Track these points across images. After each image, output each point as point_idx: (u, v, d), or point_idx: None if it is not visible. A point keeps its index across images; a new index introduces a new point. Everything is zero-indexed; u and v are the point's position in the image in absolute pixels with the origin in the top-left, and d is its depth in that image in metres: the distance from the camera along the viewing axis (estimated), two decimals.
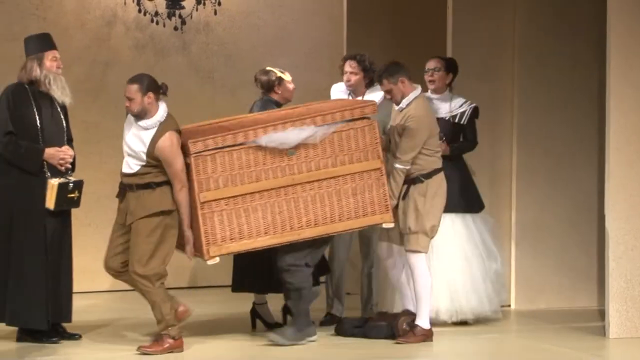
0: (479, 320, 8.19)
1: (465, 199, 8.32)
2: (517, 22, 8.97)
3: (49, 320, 7.50)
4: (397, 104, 7.71)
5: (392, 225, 7.55)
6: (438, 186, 7.68)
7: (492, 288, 8.30)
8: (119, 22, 9.82)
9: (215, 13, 9.67)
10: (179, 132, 7.15)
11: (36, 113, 7.52)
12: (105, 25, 9.75)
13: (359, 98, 8.10)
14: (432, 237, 7.66)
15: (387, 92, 7.73)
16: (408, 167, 7.62)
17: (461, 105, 8.34)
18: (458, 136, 8.35)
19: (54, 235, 7.57)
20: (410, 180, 7.61)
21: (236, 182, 7.28)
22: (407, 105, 7.65)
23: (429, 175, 7.64)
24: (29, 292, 7.47)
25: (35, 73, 7.56)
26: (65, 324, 7.70)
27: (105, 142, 9.41)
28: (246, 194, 7.29)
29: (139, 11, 9.57)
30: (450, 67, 8.37)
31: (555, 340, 7.86)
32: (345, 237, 7.98)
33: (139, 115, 7.22)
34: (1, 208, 7.49)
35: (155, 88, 7.28)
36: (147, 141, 7.14)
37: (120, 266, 7.23)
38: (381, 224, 7.44)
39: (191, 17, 9.70)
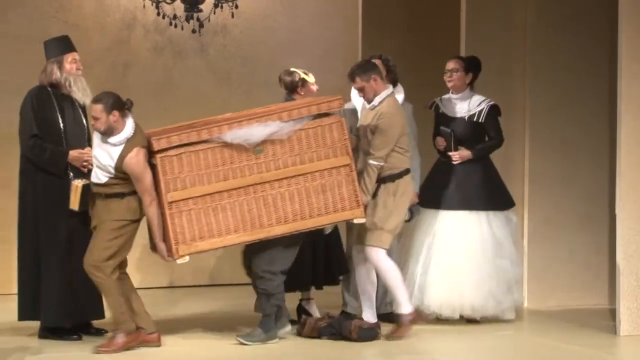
0: (489, 319, 8.22)
1: (490, 197, 8.29)
2: (529, 23, 8.98)
3: (71, 318, 7.52)
4: (369, 102, 7.67)
5: (363, 220, 7.50)
6: (406, 186, 7.68)
7: (499, 286, 8.26)
8: (139, 24, 9.88)
9: (233, 16, 9.70)
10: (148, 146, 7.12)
11: (59, 115, 7.56)
12: (125, 27, 9.81)
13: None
14: (394, 235, 7.68)
15: (360, 89, 7.70)
16: (382, 164, 7.59)
17: (479, 104, 8.31)
18: (480, 135, 8.31)
19: (78, 234, 7.56)
20: (381, 179, 7.60)
21: (203, 181, 7.22)
22: (379, 103, 7.63)
23: (399, 176, 7.65)
24: (50, 291, 7.52)
25: (56, 76, 7.59)
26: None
27: None
28: (214, 193, 7.24)
29: (158, 14, 9.56)
30: (470, 66, 8.33)
31: (566, 338, 7.87)
32: None
33: (106, 133, 7.18)
34: (27, 210, 7.55)
35: (119, 106, 7.24)
36: (115, 157, 7.14)
37: None
38: (352, 219, 7.39)
39: (209, 20, 9.70)
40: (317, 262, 8.01)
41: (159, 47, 9.97)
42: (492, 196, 8.32)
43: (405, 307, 7.70)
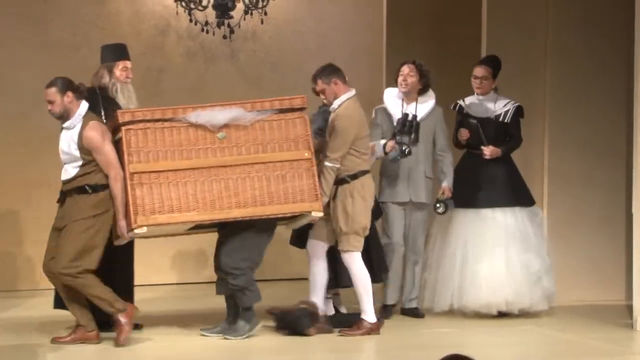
0: (525, 311, 8.28)
1: (515, 193, 8.36)
2: (550, 27, 8.99)
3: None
4: (330, 104, 7.67)
5: (321, 214, 7.45)
6: (363, 187, 7.63)
7: (530, 279, 8.29)
8: (172, 31, 9.99)
9: (262, 22, 9.68)
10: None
11: (103, 117, 7.55)
12: (159, 34, 9.91)
13: (412, 104, 8.11)
14: (364, 236, 7.64)
15: (321, 92, 7.68)
16: (338, 166, 7.56)
17: (505, 105, 8.38)
18: (502, 134, 8.38)
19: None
20: (338, 181, 7.58)
21: (167, 157, 7.24)
22: (339, 106, 7.62)
23: (355, 177, 7.61)
24: None
25: (105, 80, 7.69)
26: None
27: None
28: (176, 170, 7.25)
29: (190, 21, 9.57)
30: (496, 68, 8.40)
31: (584, 332, 7.93)
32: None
33: (63, 117, 7.21)
34: None
35: (73, 88, 7.26)
36: (76, 137, 7.18)
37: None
38: (310, 212, 7.37)
39: (239, 26, 9.71)
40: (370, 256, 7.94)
41: (192, 53, 10.06)
42: (517, 193, 8.39)
43: (370, 317, 7.66)
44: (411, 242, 8.27)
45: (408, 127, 7.98)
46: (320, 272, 7.75)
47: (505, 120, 8.37)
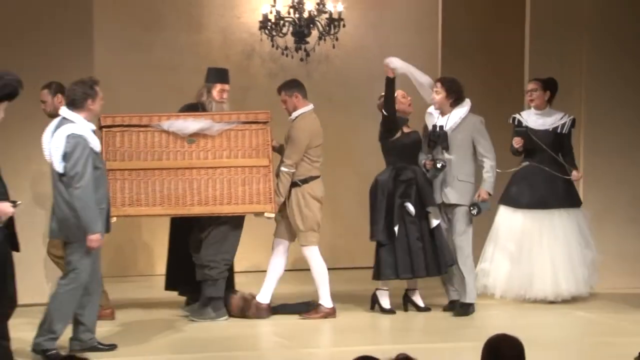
0: (572, 299, 8.23)
1: (569, 196, 8.31)
2: (584, 52, 8.98)
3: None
4: (289, 114, 7.66)
5: (272, 215, 7.47)
6: (313, 190, 7.60)
7: (586, 272, 8.27)
8: (256, 55, 10.05)
9: (334, 47, 9.90)
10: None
11: None
12: (245, 58, 9.98)
13: (446, 116, 7.89)
14: (318, 231, 7.62)
15: (283, 102, 7.68)
16: (292, 170, 7.54)
17: (562, 118, 8.29)
18: (558, 144, 8.27)
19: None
20: (292, 184, 7.56)
21: (140, 157, 7.24)
22: (296, 117, 7.62)
23: (305, 181, 7.59)
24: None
25: (203, 98, 7.75)
26: None
27: None
28: (147, 169, 7.25)
29: (272, 46, 9.80)
30: (548, 85, 8.30)
31: (615, 315, 7.92)
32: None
33: (52, 116, 7.00)
34: None
35: (62, 91, 7.16)
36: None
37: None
38: (263, 212, 7.35)
39: (314, 51, 9.89)
40: (426, 254, 7.83)
41: (273, 74, 10.05)
42: (572, 196, 8.35)
43: (326, 302, 7.65)
44: (451, 241, 7.93)
45: (435, 138, 7.84)
46: (277, 267, 7.74)
47: (563, 132, 8.29)
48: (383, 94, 8.01)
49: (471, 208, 7.82)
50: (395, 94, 7.94)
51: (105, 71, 8.33)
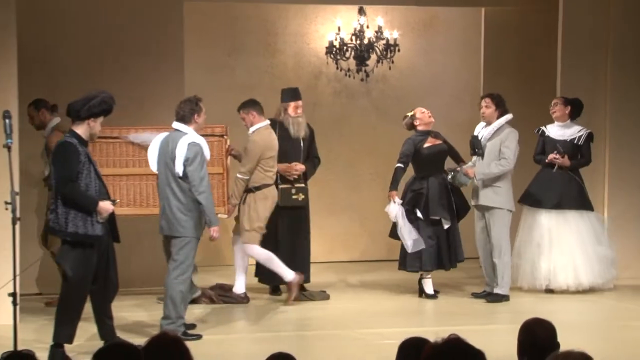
0: (591, 289, 8.16)
1: (582, 200, 8.25)
2: (609, 66, 8.91)
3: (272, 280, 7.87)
4: (248, 129, 7.65)
5: (225, 215, 7.50)
6: (265, 197, 7.63)
7: (602, 266, 8.19)
8: (323, 75, 10.06)
9: (390, 69, 9.86)
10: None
11: (278, 141, 7.76)
12: (313, 77, 10.00)
13: (492, 125, 7.87)
14: (260, 233, 7.61)
15: (242, 119, 7.69)
16: (247, 177, 7.55)
17: (579, 131, 8.28)
18: (576, 154, 8.27)
19: (292, 223, 7.96)
20: (246, 190, 7.60)
21: (110, 164, 7.28)
22: (252, 132, 7.64)
23: (259, 188, 7.61)
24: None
25: (281, 116, 7.97)
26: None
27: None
28: (116, 175, 7.28)
29: (337, 68, 9.78)
30: (570, 102, 8.28)
31: (635, 301, 7.92)
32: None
33: (39, 127, 7.36)
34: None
35: (45, 106, 7.45)
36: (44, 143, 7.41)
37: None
38: (218, 213, 7.08)
39: (373, 72, 9.87)
40: (439, 250, 7.90)
41: (337, 92, 10.11)
42: (584, 200, 8.28)
43: (288, 276, 7.64)
44: (490, 239, 7.92)
45: (471, 145, 7.90)
46: (238, 260, 7.79)
47: (579, 143, 8.28)
48: (408, 113, 8.12)
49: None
50: (414, 112, 8.08)
51: (193, 90, 8.34)
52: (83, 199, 5.92)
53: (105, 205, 5.98)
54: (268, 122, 7.77)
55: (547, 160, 8.25)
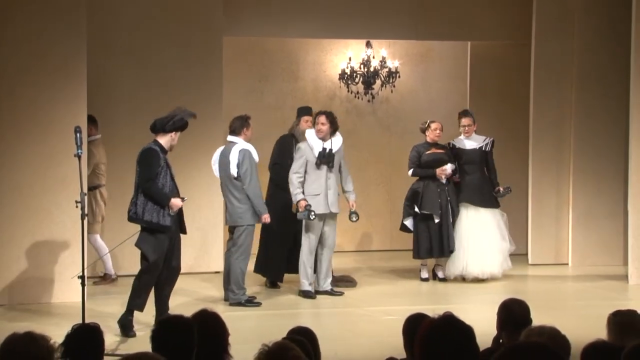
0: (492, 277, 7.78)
1: (492, 199, 7.88)
2: (574, 94, 8.70)
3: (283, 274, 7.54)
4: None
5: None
6: (102, 194, 7.52)
7: (503, 258, 7.82)
8: (337, 97, 9.97)
9: (392, 92, 9.84)
10: None
11: (294, 152, 7.40)
12: (329, 99, 9.89)
13: (327, 141, 7.20)
14: (99, 224, 7.43)
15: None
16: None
17: (485, 140, 7.98)
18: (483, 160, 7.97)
19: (287, 219, 7.37)
20: (89, 189, 7.23)
21: None
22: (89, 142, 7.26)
23: (95, 187, 7.43)
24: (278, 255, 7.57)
25: (295, 129, 7.65)
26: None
27: None
28: None
29: (348, 91, 9.75)
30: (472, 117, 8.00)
31: (583, 283, 7.75)
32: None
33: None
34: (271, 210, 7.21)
35: (94, 122, 7.41)
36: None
37: None
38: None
39: (378, 94, 9.85)
40: (430, 241, 7.72)
41: (348, 111, 10.00)
42: (493, 198, 7.93)
43: (109, 270, 7.54)
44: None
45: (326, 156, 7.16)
46: (101, 247, 7.48)
47: (487, 149, 7.97)
48: (427, 121, 8.04)
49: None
50: (429, 124, 7.94)
51: (231, 110, 8.48)
52: (158, 195, 6.00)
53: (176, 202, 6.04)
54: (99, 135, 7.57)
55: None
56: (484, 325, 3.49)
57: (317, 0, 8.96)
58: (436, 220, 7.79)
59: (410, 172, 8.06)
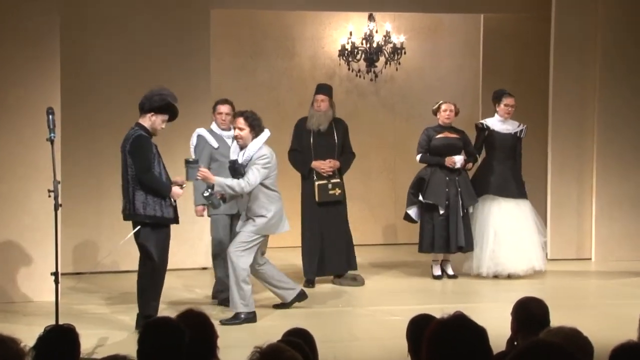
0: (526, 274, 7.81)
1: (524, 190, 7.91)
2: (598, 69, 8.78)
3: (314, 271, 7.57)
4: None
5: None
6: None
7: (541, 253, 7.86)
8: (336, 76, 9.98)
9: (397, 70, 9.79)
10: None
11: (311, 137, 7.57)
12: (328, 78, 9.80)
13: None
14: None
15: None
16: None
17: (519, 125, 8.01)
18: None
19: (332, 218, 7.56)
20: None
21: None
22: None
23: None
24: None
25: (310, 112, 7.62)
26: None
27: None
28: None
29: (349, 69, 9.74)
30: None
31: (608, 280, 7.81)
32: None
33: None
34: (304, 203, 7.61)
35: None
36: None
37: None
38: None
39: (381, 72, 9.79)
40: (435, 233, 7.71)
41: (349, 91, 10.05)
42: (523, 188, 7.93)
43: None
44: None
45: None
46: None
47: (521, 136, 7.99)
48: (439, 102, 7.98)
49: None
50: (439, 105, 7.90)
51: (219, 90, 8.53)
52: (159, 185, 5.98)
53: (176, 190, 6.07)
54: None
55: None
56: (498, 326, 3.48)
57: None
58: (441, 212, 7.72)
59: (419, 157, 7.99)
